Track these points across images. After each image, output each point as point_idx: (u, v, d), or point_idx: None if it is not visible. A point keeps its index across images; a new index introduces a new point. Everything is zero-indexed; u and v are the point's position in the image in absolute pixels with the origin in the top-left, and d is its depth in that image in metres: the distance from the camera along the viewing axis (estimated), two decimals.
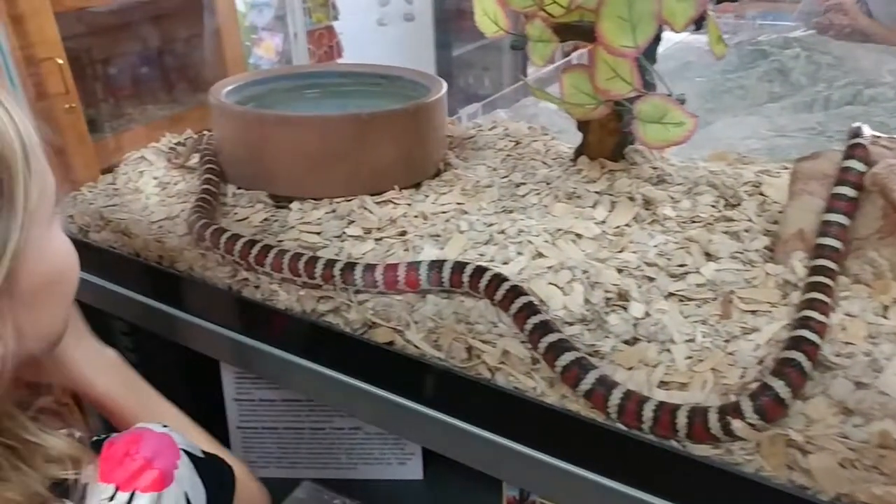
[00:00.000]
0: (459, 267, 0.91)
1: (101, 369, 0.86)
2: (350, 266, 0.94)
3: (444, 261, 0.93)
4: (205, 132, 1.30)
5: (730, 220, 0.97)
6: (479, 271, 0.90)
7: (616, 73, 0.96)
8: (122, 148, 2.07)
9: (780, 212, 0.97)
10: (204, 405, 1.29)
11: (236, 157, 1.17)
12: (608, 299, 0.87)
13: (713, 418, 0.71)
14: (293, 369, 0.97)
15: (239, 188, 1.18)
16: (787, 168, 1.10)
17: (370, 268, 0.93)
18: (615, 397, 0.76)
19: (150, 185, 1.25)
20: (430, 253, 0.98)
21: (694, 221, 1.00)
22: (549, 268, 0.93)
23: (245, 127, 1.13)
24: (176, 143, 1.32)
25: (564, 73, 1.04)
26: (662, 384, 0.79)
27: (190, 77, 2.60)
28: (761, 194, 1.03)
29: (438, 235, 1.01)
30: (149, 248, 1.08)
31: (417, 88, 1.28)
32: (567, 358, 0.79)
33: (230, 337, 1.01)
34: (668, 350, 0.81)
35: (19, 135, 0.60)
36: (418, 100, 1.14)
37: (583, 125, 1.13)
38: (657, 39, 0.98)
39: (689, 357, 0.80)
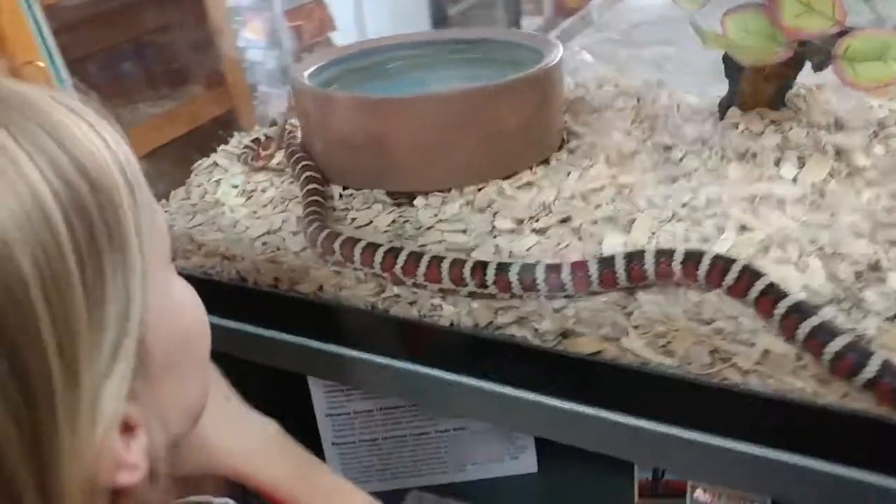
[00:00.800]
0: (665, 255, 0.77)
1: (262, 448, 0.71)
2: (528, 268, 0.80)
3: (642, 251, 0.78)
4: (286, 125, 1.13)
5: None
6: (692, 256, 0.77)
7: (809, 6, 0.82)
8: None
9: None
10: (292, 422, 1.16)
11: (339, 151, 1.01)
12: (858, 273, 0.74)
13: None
14: (473, 394, 0.82)
15: (345, 188, 1.02)
16: None
17: (553, 268, 0.79)
18: None
19: (232, 196, 1.07)
20: (612, 241, 0.84)
21: None
22: (763, 242, 0.80)
23: (350, 116, 0.97)
24: (248, 143, 1.14)
25: (727, 16, 0.90)
26: None
27: (179, 68, 2.39)
28: None
29: (613, 217, 0.87)
30: (259, 270, 0.92)
31: (515, 50, 1.13)
32: (838, 343, 0.66)
33: (387, 365, 0.86)
34: None
35: (119, 164, 0.46)
36: (545, 61, 0.99)
37: (734, 73, 0.99)
38: None
39: None
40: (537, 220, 0.90)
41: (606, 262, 0.78)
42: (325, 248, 0.89)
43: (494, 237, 0.89)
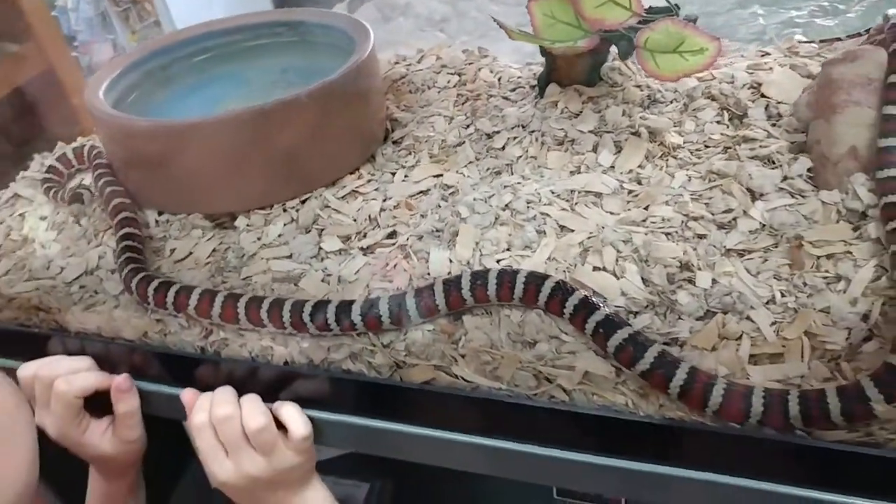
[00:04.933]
0: (481, 278, 0.77)
1: None
2: (346, 307, 0.78)
3: (458, 277, 0.77)
4: (88, 142, 1.04)
5: (750, 140, 0.87)
6: (506, 276, 0.76)
7: None
8: None
9: (792, 115, 0.89)
10: None
11: (146, 175, 0.94)
12: (670, 275, 0.76)
13: (834, 406, 0.64)
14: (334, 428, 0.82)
15: (161, 213, 0.96)
16: (766, 53, 1.01)
17: (372, 304, 0.78)
18: (716, 395, 0.67)
19: (41, 230, 0.99)
20: (438, 257, 0.83)
21: (708, 146, 0.89)
22: (581, 245, 0.81)
23: (147, 141, 0.89)
24: (51, 165, 1.05)
25: (533, 2, 0.87)
26: (752, 358, 0.71)
27: None
28: (763, 96, 0.93)
29: (439, 231, 0.86)
30: (80, 321, 0.87)
31: (331, 33, 1.07)
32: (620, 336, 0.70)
33: None
34: (749, 318, 0.73)
35: None
36: (356, 56, 0.94)
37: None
38: None
39: (774, 322, 0.72)
40: (364, 237, 0.88)
41: (426, 293, 0.77)
42: (141, 294, 0.84)
43: (322, 260, 0.87)
